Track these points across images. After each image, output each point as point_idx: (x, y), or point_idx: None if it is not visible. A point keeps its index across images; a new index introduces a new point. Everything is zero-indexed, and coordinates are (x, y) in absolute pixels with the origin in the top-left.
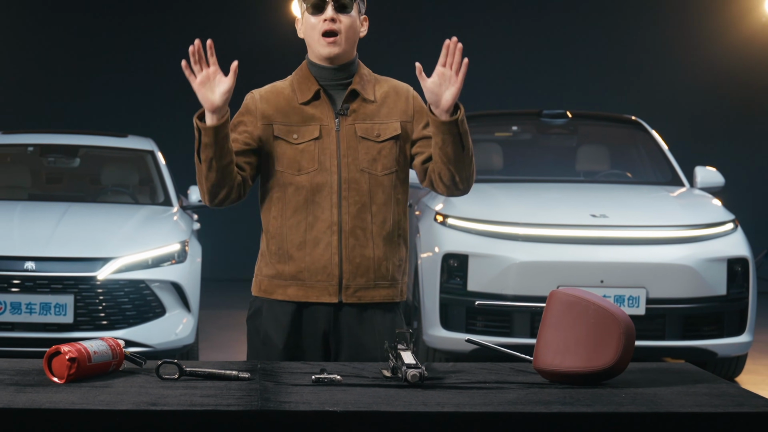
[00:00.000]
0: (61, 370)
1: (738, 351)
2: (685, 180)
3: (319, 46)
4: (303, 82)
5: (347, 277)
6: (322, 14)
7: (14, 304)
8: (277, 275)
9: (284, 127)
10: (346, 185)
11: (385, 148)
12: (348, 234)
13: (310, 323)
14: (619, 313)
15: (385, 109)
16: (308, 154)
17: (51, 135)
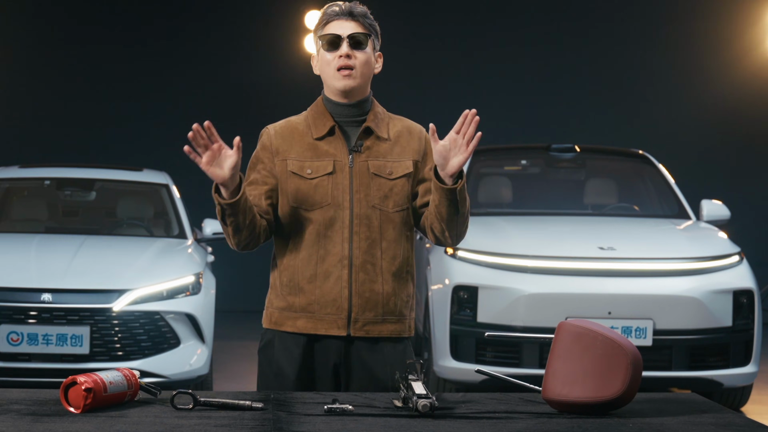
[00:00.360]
0: (78, 400)
1: (744, 381)
2: (691, 213)
3: (334, 80)
4: (318, 117)
5: (356, 311)
6: (338, 50)
7: (31, 335)
8: (288, 307)
9: (298, 162)
10: (358, 220)
11: (397, 185)
12: (358, 268)
13: (321, 355)
14: (626, 344)
15: (398, 147)
16: (321, 189)
17: (67, 169)
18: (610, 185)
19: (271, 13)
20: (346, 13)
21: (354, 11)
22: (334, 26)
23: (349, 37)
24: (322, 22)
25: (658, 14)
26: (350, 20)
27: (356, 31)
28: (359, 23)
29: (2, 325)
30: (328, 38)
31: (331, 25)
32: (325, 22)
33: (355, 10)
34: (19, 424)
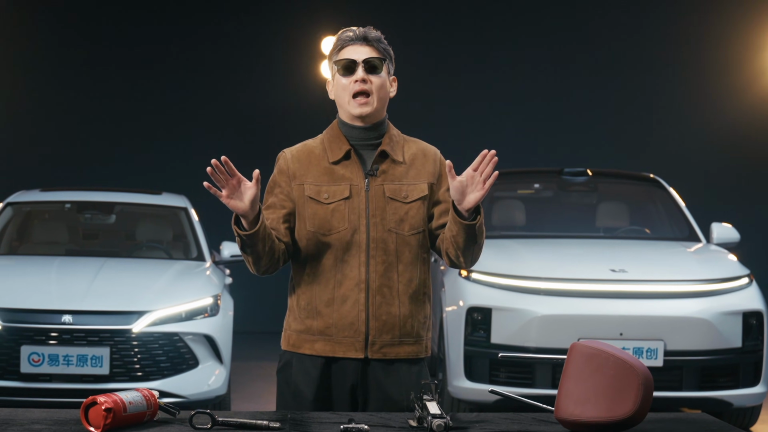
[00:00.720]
0: (98, 420)
1: (753, 401)
2: (701, 236)
3: (350, 107)
4: (334, 141)
5: (373, 334)
6: (353, 75)
7: (52, 356)
8: (306, 330)
9: (315, 186)
10: (374, 244)
11: (413, 208)
12: (375, 292)
13: (339, 377)
14: (637, 364)
15: (413, 171)
16: (338, 214)
17: (87, 192)
18: (621, 208)
19: (288, 39)
20: (360, 38)
21: (368, 36)
22: (349, 51)
23: (365, 61)
24: (337, 47)
25: (669, 42)
26: (365, 45)
27: (371, 56)
28: (374, 48)
29: (24, 346)
30: (343, 63)
31: (346, 50)
32: (340, 47)
33: (370, 35)
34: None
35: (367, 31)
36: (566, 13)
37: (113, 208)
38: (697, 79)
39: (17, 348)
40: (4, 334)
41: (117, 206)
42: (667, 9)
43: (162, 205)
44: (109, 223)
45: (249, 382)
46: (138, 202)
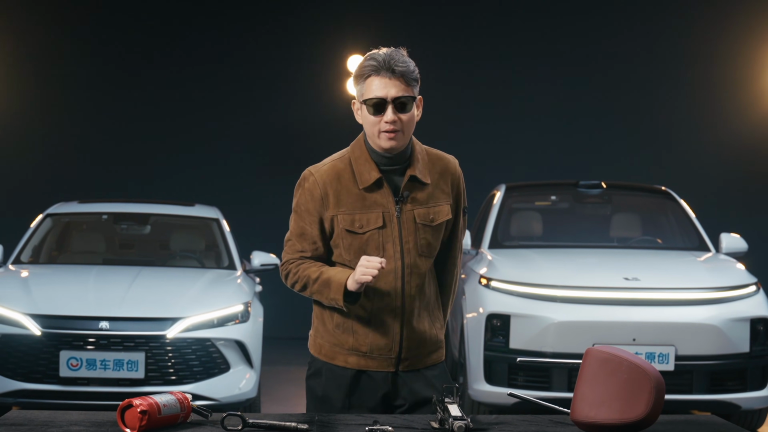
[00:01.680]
0: (133, 422)
1: (760, 404)
2: (711, 245)
3: (380, 141)
4: (363, 165)
5: (405, 352)
6: (383, 115)
7: (90, 361)
8: (339, 344)
9: (348, 216)
10: (408, 270)
11: (437, 230)
12: (409, 315)
13: (369, 386)
14: (650, 369)
15: (437, 191)
16: (373, 242)
17: (124, 204)
18: (634, 219)
19: (316, 58)
20: (387, 69)
21: (396, 68)
22: (376, 85)
23: (394, 100)
24: (363, 76)
25: (680, 60)
26: (393, 78)
27: (401, 95)
28: (403, 82)
29: (62, 351)
30: (373, 102)
31: (373, 84)
32: (365, 76)
33: (397, 67)
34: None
35: (393, 62)
36: (582, 35)
37: (148, 219)
38: (707, 96)
39: (56, 353)
40: (44, 339)
41: (152, 217)
42: (678, 30)
43: (195, 216)
44: (145, 233)
45: (278, 386)
46: (172, 213)
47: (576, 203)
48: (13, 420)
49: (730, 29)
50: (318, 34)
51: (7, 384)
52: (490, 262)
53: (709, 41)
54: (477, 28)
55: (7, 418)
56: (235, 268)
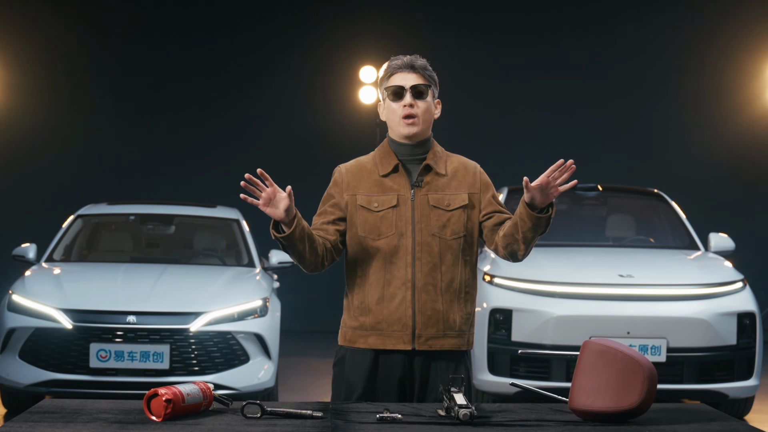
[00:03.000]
0: (159, 410)
1: (747, 393)
2: (700, 244)
3: (399, 127)
4: (384, 156)
5: (419, 327)
6: (402, 100)
7: (118, 353)
8: (359, 326)
9: (366, 196)
10: (420, 248)
11: (454, 215)
12: (420, 290)
13: (387, 369)
14: (643, 360)
15: (455, 182)
16: (387, 220)
17: (150, 205)
18: (628, 220)
19: (331, 70)
20: (408, 66)
21: (415, 64)
22: (397, 78)
23: (412, 87)
24: (387, 74)
25: (671, 71)
26: (412, 72)
27: (418, 83)
28: (420, 75)
29: (92, 343)
30: (393, 89)
31: (395, 77)
32: (390, 74)
33: (416, 63)
34: (107, 431)
35: (413, 60)
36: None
37: (173, 219)
38: (696, 105)
39: (87, 345)
40: (75, 332)
41: (176, 218)
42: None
43: (216, 217)
44: (169, 233)
45: (295, 376)
46: (195, 214)
47: (574, 205)
48: (46, 408)
49: (718, 43)
50: (333, 48)
51: (41, 374)
52: (493, 260)
53: (698, 54)
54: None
55: (40, 406)
56: (254, 266)
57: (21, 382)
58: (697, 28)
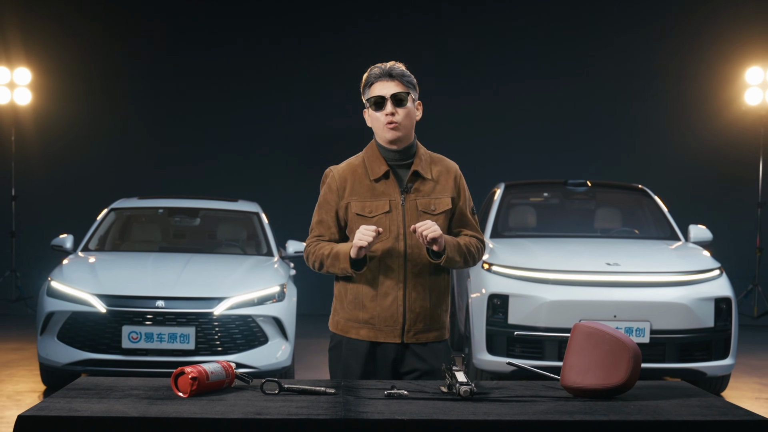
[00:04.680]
0: (185, 387)
1: (723, 372)
2: (681, 235)
3: (383, 133)
4: (374, 161)
5: (409, 324)
6: (384, 110)
7: (148, 335)
8: (353, 319)
9: (360, 203)
10: (410, 250)
11: (439, 219)
12: (411, 289)
13: (382, 355)
14: (628, 341)
15: (439, 186)
16: (381, 225)
17: (177, 200)
18: (615, 213)
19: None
20: (386, 74)
21: (393, 72)
22: (378, 87)
23: (392, 96)
24: (368, 83)
25: (654, 75)
26: (390, 81)
27: (397, 91)
28: (399, 82)
29: (124, 326)
30: (374, 99)
31: (375, 87)
32: (370, 83)
33: (395, 72)
34: (137, 406)
35: (391, 68)
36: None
37: (198, 212)
38: (678, 107)
39: (119, 328)
40: (109, 316)
41: (201, 211)
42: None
43: (238, 210)
44: (195, 225)
45: (309, 356)
46: (218, 207)
47: (565, 199)
48: (82, 385)
49: (698, 51)
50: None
51: (77, 354)
52: (491, 249)
53: (680, 61)
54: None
55: (77, 383)
56: (273, 255)
57: (59, 362)
58: (679, 37)
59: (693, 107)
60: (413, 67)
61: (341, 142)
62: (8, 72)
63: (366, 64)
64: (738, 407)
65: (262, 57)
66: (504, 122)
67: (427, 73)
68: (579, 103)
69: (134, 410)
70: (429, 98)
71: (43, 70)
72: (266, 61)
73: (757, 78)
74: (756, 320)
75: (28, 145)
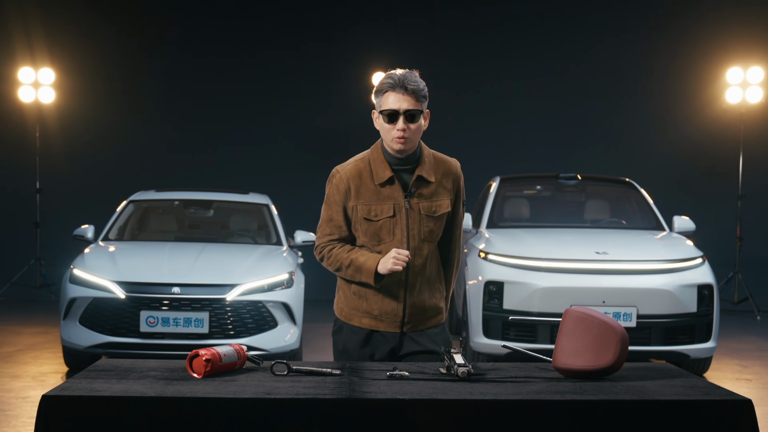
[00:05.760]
0: (199, 368)
1: (705, 354)
2: (665, 226)
3: (392, 144)
4: (379, 165)
5: (408, 317)
6: (395, 124)
7: (164, 319)
8: (355, 308)
9: (366, 207)
10: (413, 252)
11: (439, 221)
12: (411, 287)
13: (381, 341)
14: (616, 325)
15: (440, 188)
16: (385, 228)
17: (191, 192)
18: (604, 205)
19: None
20: (401, 86)
21: (408, 86)
22: (391, 99)
23: (405, 112)
24: (381, 90)
25: (641, 75)
26: (405, 94)
27: (410, 108)
28: (412, 98)
29: (142, 311)
30: (387, 113)
31: (388, 98)
32: (383, 91)
33: (409, 85)
34: (155, 386)
35: (406, 80)
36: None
37: (211, 204)
38: (664, 105)
39: (137, 312)
40: (127, 302)
41: (214, 203)
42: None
43: (249, 202)
44: (208, 216)
45: (316, 339)
46: (230, 200)
47: (557, 192)
48: (103, 367)
49: (682, 52)
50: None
51: (98, 338)
52: (487, 239)
53: (666, 61)
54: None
55: (97, 365)
56: (282, 244)
57: (81, 345)
58: (665, 39)
59: (677, 105)
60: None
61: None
62: (33, 72)
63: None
64: (719, 387)
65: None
66: (500, 121)
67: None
68: (571, 101)
69: (151, 390)
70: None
71: (65, 70)
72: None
73: (737, 78)
74: (736, 305)
75: (52, 141)
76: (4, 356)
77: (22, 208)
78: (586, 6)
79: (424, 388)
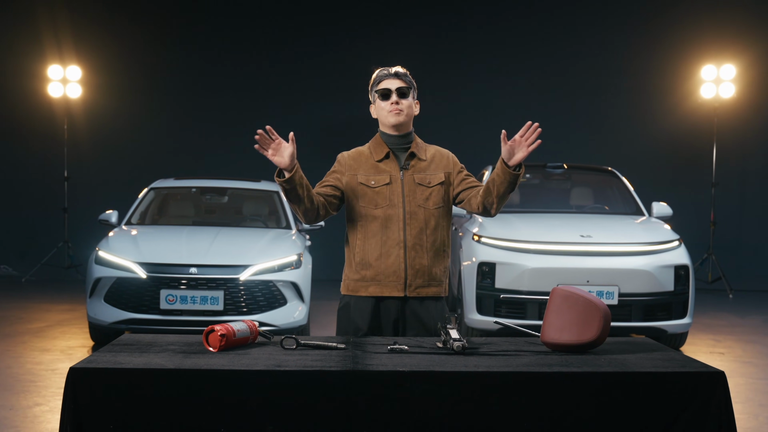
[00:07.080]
0: (215, 343)
1: (682, 329)
2: (645, 211)
3: (388, 117)
4: (377, 146)
5: (410, 278)
6: (389, 99)
7: (182, 297)
8: (361, 279)
9: (365, 176)
10: (409, 216)
11: (435, 190)
12: (410, 248)
13: (385, 313)
14: (599, 303)
15: (433, 165)
16: (382, 195)
17: (208, 180)
18: (588, 191)
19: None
20: (392, 74)
21: (398, 73)
22: (385, 83)
23: (397, 89)
24: (376, 81)
25: (621, 71)
26: (396, 79)
27: (401, 86)
28: (402, 80)
29: (162, 289)
30: (382, 91)
31: (383, 83)
32: (378, 81)
33: (399, 73)
34: (173, 359)
35: (395, 70)
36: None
37: (226, 191)
38: (643, 99)
39: (158, 291)
40: (149, 281)
41: (229, 190)
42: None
43: (261, 189)
44: (223, 202)
45: (323, 315)
46: (243, 187)
47: (544, 179)
48: (126, 341)
49: (660, 48)
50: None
51: (121, 314)
52: (480, 223)
53: (645, 58)
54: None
55: (121, 339)
56: (291, 228)
57: (106, 321)
58: (643, 38)
59: (656, 100)
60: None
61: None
62: (61, 69)
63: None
64: (694, 360)
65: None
66: (489, 112)
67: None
68: (556, 95)
69: (171, 363)
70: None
71: (92, 67)
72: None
73: (711, 75)
74: (710, 285)
75: (79, 133)
76: (34, 332)
77: (51, 194)
78: (570, 8)
79: (423, 360)
